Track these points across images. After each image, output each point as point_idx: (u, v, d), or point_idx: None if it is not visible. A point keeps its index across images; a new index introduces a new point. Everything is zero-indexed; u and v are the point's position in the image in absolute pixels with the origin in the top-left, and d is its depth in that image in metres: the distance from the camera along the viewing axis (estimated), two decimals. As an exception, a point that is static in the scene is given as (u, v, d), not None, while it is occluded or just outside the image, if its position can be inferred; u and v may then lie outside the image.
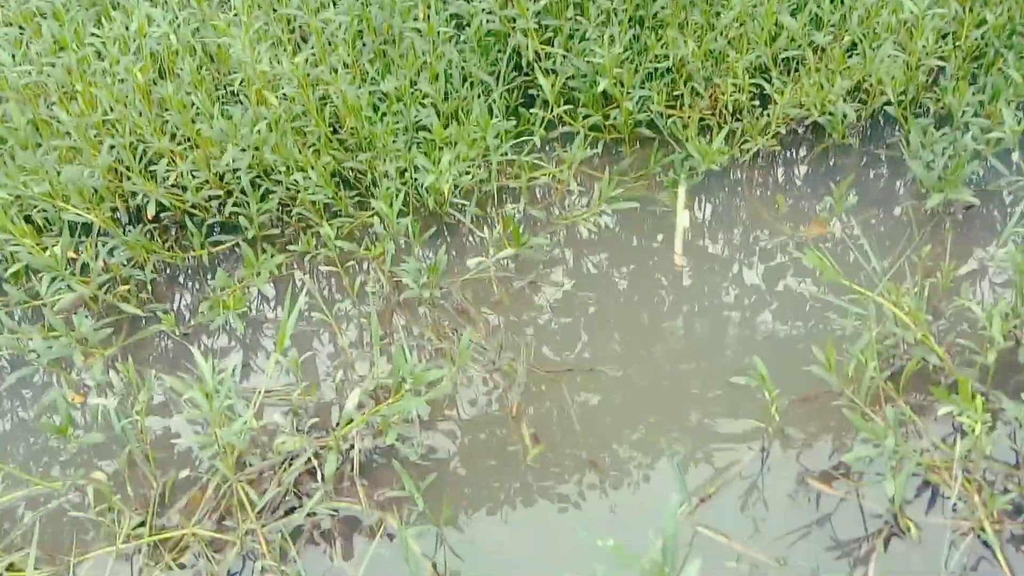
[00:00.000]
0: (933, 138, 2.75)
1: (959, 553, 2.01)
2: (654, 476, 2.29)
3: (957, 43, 2.92)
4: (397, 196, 2.80)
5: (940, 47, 2.94)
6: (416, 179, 2.88)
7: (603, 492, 2.27)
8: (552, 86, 2.97)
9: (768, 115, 2.95)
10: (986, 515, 2.00)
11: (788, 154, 3.12)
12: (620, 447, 2.35)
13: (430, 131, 2.90)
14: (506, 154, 2.96)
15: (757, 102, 3.02)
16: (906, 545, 2.05)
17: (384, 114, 2.99)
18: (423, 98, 3.03)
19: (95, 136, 2.93)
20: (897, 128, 3.07)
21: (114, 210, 2.97)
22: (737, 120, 3.05)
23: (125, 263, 2.87)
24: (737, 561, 2.06)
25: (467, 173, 2.86)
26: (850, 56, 2.97)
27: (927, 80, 3.01)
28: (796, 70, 3.09)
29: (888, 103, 3.00)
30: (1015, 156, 2.73)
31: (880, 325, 2.33)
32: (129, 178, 2.90)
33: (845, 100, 2.94)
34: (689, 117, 3.03)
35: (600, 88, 2.91)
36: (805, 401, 2.37)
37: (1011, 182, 2.80)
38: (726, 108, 3.06)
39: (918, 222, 2.77)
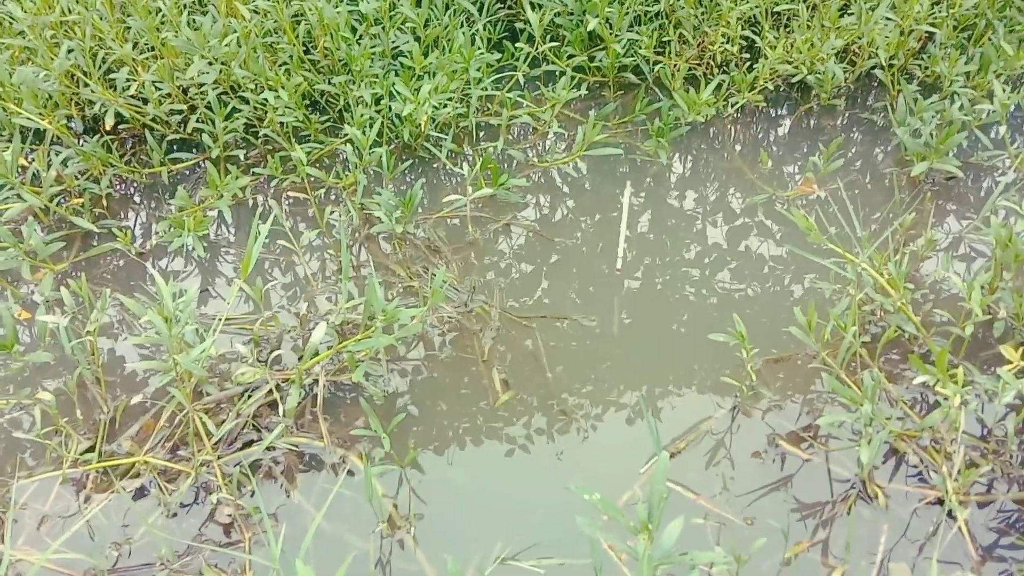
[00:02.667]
0: (922, 106, 2.72)
1: (923, 521, 2.02)
2: (623, 428, 2.25)
3: (952, 9, 2.87)
4: (371, 125, 2.68)
5: (933, 13, 2.90)
6: (391, 108, 2.76)
7: (571, 441, 2.23)
8: (540, 20, 2.85)
9: (757, 69, 2.89)
10: (955, 487, 2.01)
11: (771, 112, 3.07)
12: (591, 398, 2.31)
13: (409, 58, 2.77)
14: (487, 89, 2.85)
15: (747, 55, 2.95)
16: (873, 511, 2.05)
17: (361, 36, 2.85)
18: (403, 22, 2.90)
19: (51, 37, 2.74)
20: (878, 93, 3.03)
21: (69, 118, 2.81)
22: (724, 72, 2.98)
23: (79, 175, 2.71)
24: (705, 518, 2.05)
25: (445, 106, 2.75)
26: (842, 16, 2.91)
27: (916, 47, 2.98)
28: (787, 26, 3.02)
29: (876, 66, 2.96)
30: (1002, 129, 2.71)
31: (859, 290, 2.31)
32: (87, 85, 2.73)
33: (835, 60, 2.89)
34: (676, 66, 2.95)
35: (589, 27, 2.80)
36: (778, 362, 2.35)
37: (992, 155, 2.80)
38: (713, 59, 2.99)
39: (898, 189, 2.74)
